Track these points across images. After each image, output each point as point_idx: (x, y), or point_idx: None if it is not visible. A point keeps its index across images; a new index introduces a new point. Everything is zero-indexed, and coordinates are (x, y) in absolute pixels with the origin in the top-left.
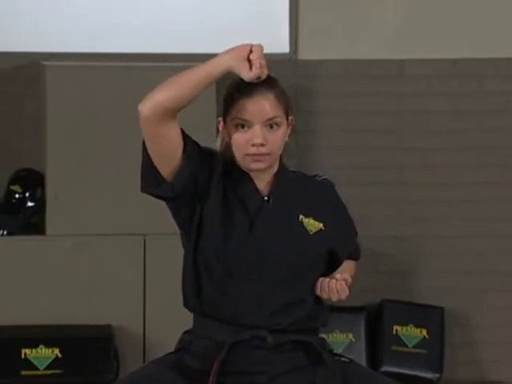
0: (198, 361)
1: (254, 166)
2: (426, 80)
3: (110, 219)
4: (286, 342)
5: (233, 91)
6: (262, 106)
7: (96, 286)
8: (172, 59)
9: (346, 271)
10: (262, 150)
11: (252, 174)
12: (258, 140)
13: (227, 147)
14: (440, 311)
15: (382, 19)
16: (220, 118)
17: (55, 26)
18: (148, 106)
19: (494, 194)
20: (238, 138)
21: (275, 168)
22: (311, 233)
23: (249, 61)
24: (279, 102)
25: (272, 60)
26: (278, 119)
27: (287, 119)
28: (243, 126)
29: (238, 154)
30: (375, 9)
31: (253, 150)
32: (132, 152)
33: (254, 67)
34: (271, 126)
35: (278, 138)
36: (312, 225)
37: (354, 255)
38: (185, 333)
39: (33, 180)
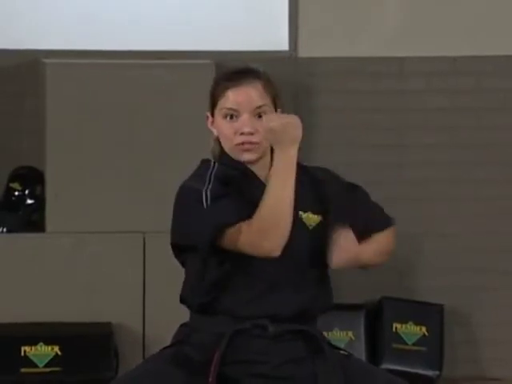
0: (198, 352)
1: (244, 156)
2: (426, 77)
3: (109, 217)
4: (287, 331)
5: (220, 82)
6: (249, 94)
7: (96, 284)
8: (171, 57)
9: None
10: (252, 138)
11: (249, 166)
12: (247, 128)
13: (217, 143)
14: (440, 309)
15: (381, 17)
16: (208, 113)
17: (55, 23)
18: (279, 246)
19: (493, 192)
20: (227, 129)
21: (267, 160)
22: (311, 228)
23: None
24: (266, 91)
25: (272, 58)
26: (265, 108)
27: (275, 110)
28: (231, 117)
29: (227, 145)
30: (375, 7)
31: (242, 138)
32: (132, 150)
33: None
34: (259, 116)
35: None
36: (311, 219)
37: (380, 224)
38: (182, 325)
39: (32, 177)
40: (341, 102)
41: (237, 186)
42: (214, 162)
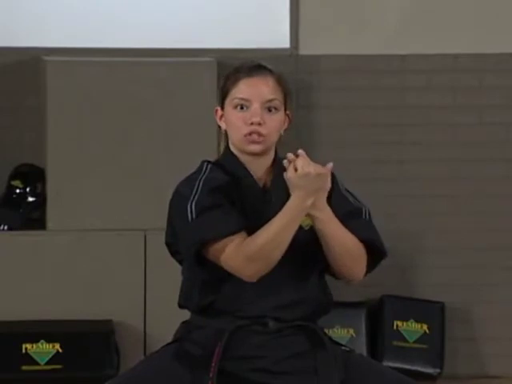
0: (199, 348)
1: (251, 148)
2: (427, 75)
3: (110, 214)
4: (287, 326)
5: (232, 74)
6: (261, 87)
7: (97, 281)
8: (172, 54)
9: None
10: (260, 129)
11: (248, 164)
12: (257, 118)
13: (224, 139)
14: (440, 306)
15: (382, 14)
16: (217, 107)
17: (55, 21)
18: (258, 276)
19: (494, 189)
20: (236, 119)
21: (271, 157)
22: (306, 228)
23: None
24: (278, 87)
25: (273, 55)
26: (276, 102)
27: (285, 110)
28: (242, 107)
29: (235, 135)
30: (376, 4)
31: (250, 128)
32: (132, 147)
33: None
34: (269, 110)
35: (276, 121)
36: (306, 219)
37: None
38: (183, 323)
39: (33, 175)
40: (341, 99)
41: (228, 191)
42: (208, 165)
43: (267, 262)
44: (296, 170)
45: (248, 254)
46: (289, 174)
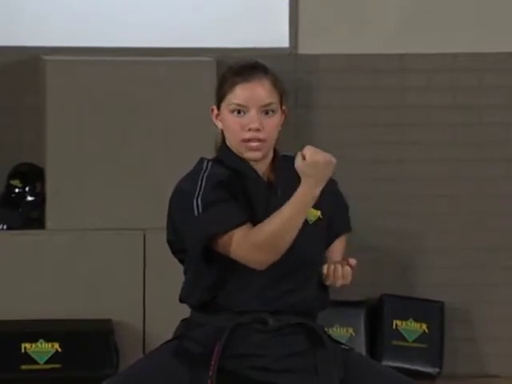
0: (198, 345)
1: (250, 155)
2: (427, 74)
3: (109, 214)
4: (287, 325)
5: (229, 77)
6: (258, 91)
7: (96, 281)
8: (171, 54)
9: (338, 250)
10: (259, 134)
11: (250, 163)
12: (255, 125)
13: (221, 136)
14: (440, 306)
15: (382, 13)
16: (213, 106)
17: (55, 20)
18: (267, 265)
19: (494, 189)
20: (234, 124)
21: (270, 156)
22: (310, 222)
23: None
24: (275, 88)
25: (272, 55)
26: (273, 105)
27: (281, 108)
28: (239, 112)
29: (233, 139)
30: (376, 3)
31: (249, 134)
32: (132, 147)
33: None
34: (267, 113)
35: (274, 124)
36: (311, 213)
37: (347, 229)
38: (183, 320)
39: (32, 174)
40: (341, 99)
41: (231, 186)
42: (208, 162)
43: (275, 250)
44: (304, 158)
45: (255, 242)
46: (297, 163)
